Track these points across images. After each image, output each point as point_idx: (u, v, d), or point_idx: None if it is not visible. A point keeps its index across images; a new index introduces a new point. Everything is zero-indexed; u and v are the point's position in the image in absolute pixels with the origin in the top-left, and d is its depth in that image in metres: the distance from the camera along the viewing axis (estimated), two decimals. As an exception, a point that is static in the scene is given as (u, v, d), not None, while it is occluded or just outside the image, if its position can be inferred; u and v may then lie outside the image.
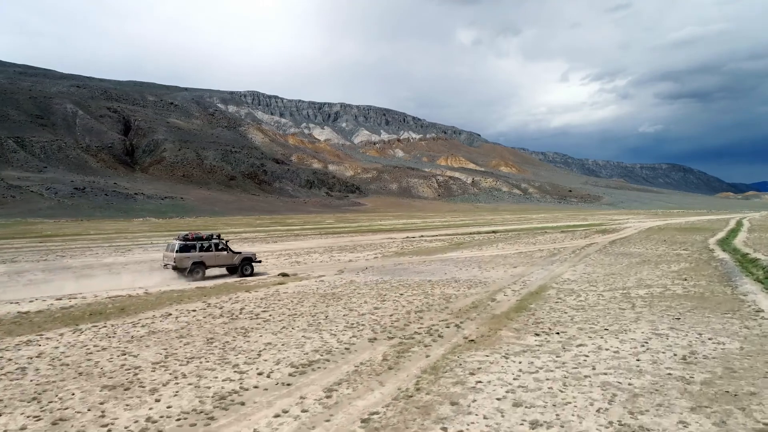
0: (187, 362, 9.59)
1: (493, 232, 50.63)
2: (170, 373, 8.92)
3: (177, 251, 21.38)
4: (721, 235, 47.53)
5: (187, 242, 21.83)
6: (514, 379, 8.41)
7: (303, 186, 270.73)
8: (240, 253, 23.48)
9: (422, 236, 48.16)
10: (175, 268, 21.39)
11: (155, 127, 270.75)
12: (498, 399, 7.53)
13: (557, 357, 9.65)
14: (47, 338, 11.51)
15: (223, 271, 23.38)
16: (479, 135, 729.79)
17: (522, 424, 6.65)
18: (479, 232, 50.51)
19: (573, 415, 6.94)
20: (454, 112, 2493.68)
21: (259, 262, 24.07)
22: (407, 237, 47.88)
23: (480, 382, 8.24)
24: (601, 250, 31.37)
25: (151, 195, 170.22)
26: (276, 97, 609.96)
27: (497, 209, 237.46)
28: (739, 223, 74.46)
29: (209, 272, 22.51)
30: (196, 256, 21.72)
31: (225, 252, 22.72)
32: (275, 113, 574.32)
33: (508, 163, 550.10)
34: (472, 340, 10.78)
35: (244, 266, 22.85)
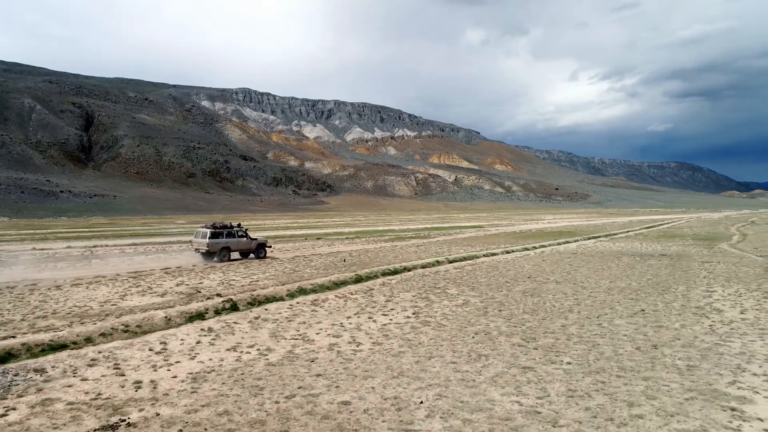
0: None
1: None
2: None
3: (210, 238, 24.17)
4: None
5: (216, 230, 24.72)
6: None
7: (269, 184, 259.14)
8: (256, 239, 26.71)
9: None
10: (206, 253, 24.26)
11: (118, 122, 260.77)
12: None
13: None
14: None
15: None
16: (478, 133, 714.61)
17: None
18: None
19: None
20: (462, 112, 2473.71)
21: (270, 247, 27.46)
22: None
23: None
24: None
25: (78, 193, 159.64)
26: (268, 94, 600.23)
27: (467, 208, 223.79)
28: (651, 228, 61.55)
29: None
30: (224, 242, 24.77)
31: (244, 238, 25.82)
32: (266, 110, 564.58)
33: (504, 161, 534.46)
34: None
35: (258, 251, 26.32)
